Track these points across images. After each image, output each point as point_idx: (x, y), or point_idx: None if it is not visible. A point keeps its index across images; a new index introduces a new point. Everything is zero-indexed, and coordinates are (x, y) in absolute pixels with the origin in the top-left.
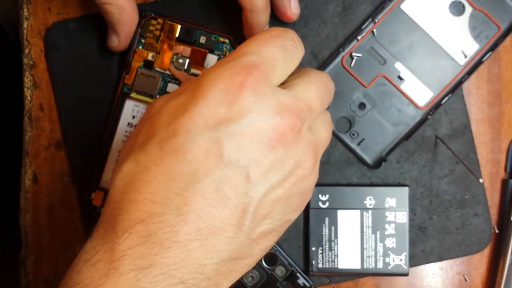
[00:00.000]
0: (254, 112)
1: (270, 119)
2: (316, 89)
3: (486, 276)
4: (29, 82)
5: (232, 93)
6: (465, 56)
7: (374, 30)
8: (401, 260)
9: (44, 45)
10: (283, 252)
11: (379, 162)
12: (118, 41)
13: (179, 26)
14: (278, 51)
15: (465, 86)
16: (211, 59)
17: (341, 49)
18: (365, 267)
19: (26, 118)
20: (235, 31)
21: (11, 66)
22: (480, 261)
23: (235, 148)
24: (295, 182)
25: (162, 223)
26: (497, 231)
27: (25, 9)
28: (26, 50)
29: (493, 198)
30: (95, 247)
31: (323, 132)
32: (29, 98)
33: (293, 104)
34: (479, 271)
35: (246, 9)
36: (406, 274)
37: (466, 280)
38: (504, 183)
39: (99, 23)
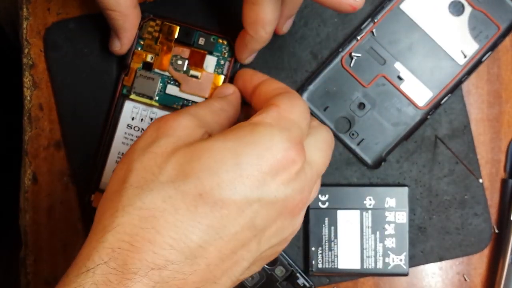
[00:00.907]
0: (290, 188)
1: (296, 195)
2: (326, 156)
3: (485, 276)
4: (28, 82)
5: (283, 166)
6: (465, 56)
7: (374, 30)
8: (400, 260)
9: (43, 45)
10: (283, 252)
11: (379, 162)
12: (120, 46)
13: (178, 28)
14: (307, 125)
15: (465, 86)
16: (210, 60)
17: (340, 49)
18: (365, 267)
19: (25, 118)
20: (234, 32)
21: (11, 66)
22: (479, 261)
23: (262, 214)
24: (284, 243)
25: (176, 271)
26: (496, 231)
27: (24, 9)
28: (26, 50)
29: (492, 198)
30: (98, 286)
31: (314, 194)
32: (28, 98)
33: (311, 180)
34: (479, 271)
35: (248, 33)
36: (406, 274)
37: (465, 280)
38: (504, 183)
39: (99, 23)
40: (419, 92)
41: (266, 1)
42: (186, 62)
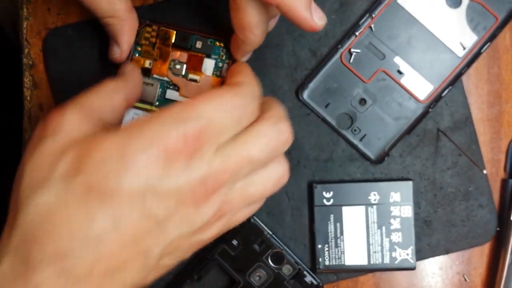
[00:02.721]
0: (183, 177)
1: (196, 184)
2: (267, 142)
3: (485, 275)
4: (28, 82)
5: (171, 155)
6: (464, 48)
7: (372, 25)
8: (407, 254)
9: (42, 51)
10: (289, 251)
11: (382, 157)
12: (120, 52)
13: (174, 32)
14: (231, 122)
15: (465, 85)
16: (208, 63)
17: (339, 46)
18: (372, 262)
19: (26, 118)
20: (230, 34)
21: (11, 66)
22: (479, 260)
23: (157, 204)
24: (206, 231)
25: (78, 258)
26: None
27: (24, 9)
28: (26, 50)
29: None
30: (4, 276)
31: (259, 187)
32: (28, 98)
33: (222, 169)
34: (479, 270)
35: (239, 37)
36: (413, 268)
37: (465, 280)
38: (504, 183)
39: (98, 29)
40: (419, 85)
41: (248, 6)
42: (185, 66)
